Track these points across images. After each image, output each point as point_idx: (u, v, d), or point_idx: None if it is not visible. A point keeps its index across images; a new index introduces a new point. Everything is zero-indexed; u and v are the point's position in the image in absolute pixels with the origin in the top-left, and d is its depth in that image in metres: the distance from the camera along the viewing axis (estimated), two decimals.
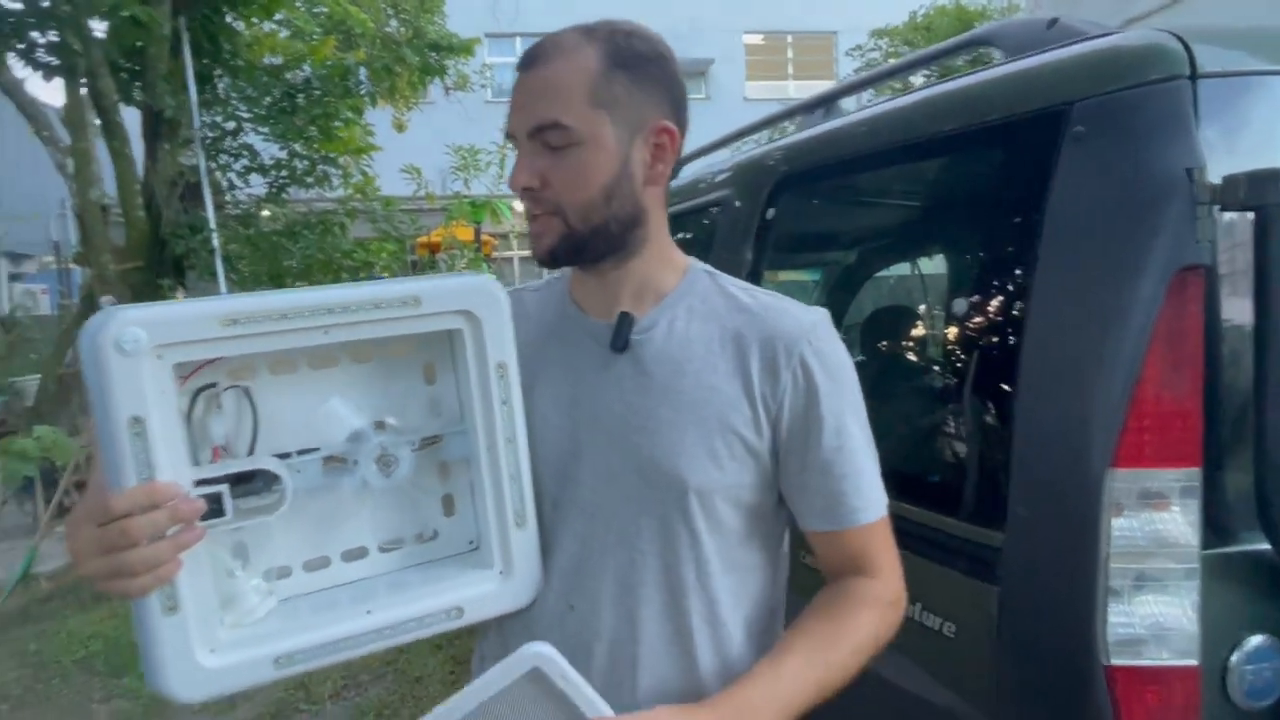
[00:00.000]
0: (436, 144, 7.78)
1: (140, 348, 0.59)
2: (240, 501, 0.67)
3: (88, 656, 3.23)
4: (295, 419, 0.71)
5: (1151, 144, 0.90)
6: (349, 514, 0.75)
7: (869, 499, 0.75)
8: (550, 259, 0.75)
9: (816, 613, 0.75)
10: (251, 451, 0.69)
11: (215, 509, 0.64)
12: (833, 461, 0.74)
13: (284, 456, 0.69)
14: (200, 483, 0.64)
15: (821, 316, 0.78)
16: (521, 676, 0.64)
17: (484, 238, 9.04)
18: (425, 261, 7.79)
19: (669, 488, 0.74)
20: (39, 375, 6.42)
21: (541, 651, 0.64)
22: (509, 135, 0.74)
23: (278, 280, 4.89)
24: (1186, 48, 0.90)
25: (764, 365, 0.74)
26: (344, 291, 0.67)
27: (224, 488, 0.65)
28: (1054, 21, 1.18)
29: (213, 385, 0.68)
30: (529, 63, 0.73)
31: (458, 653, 3.08)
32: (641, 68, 0.73)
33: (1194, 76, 0.89)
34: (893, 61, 1.68)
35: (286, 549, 0.73)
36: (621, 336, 0.76)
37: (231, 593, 0.68)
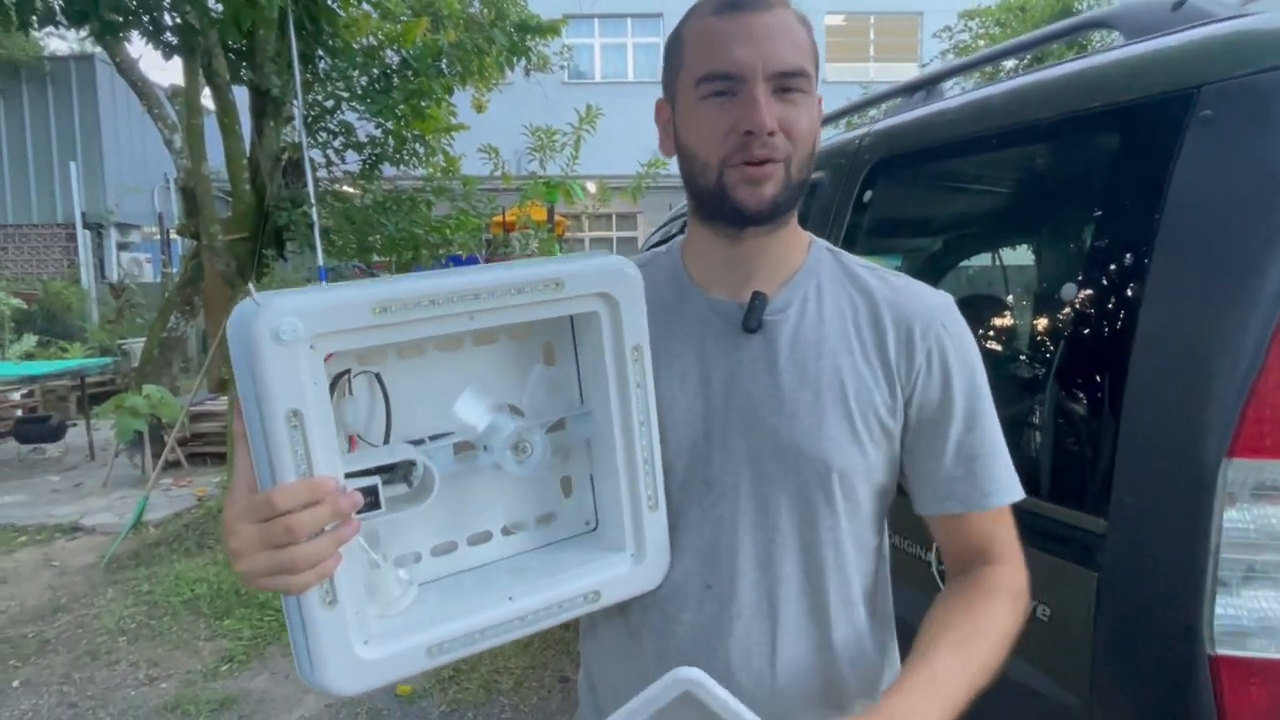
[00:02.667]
0: (514, 124, 7.91)
1: (298, 337, 0.55)
2: (386, 490, 0.64)
3: (193, 599, 3.49)
4: (423, 403, 0.69)
5: None
6: (475, 498, 0.74)
7: (1000, 482, 0.75)
8: (773, 208, 0.71)
9: (955, 607, 0.72)
10: (387, 438, 0.67)
11: (370, 501, 0.61)
12: (964, 443, 0.73)
13: (416, 443, 0.67)
14: (350, 475, 0.61)
15: (951, 299, 0.77)
16: (673, 701, 0.56)
17: (557, 218, 9.17)
18: (499, 240, 7.96)
19: (812, 470, 0.73)
20: (144, 338, 6.88)
21: (693, 677, 0.56)
22: (725, 75, 0.68)
23: (366, 252, 5.12)
24: None
25: (900, 345, 0.74)
26: (489, 275, 0.64)
27: (377, 479, 0.62)
28: (1181, 3, 1.14)
29: (346, 372, 0.65)
30: (757, 3, 0.68)
31: None
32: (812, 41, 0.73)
33: None
34: (1011, 40, 1.63)
35: (417, 534, 0.71)
36: (755, 317, 0.74)
37: (374, 583, 0.66)
